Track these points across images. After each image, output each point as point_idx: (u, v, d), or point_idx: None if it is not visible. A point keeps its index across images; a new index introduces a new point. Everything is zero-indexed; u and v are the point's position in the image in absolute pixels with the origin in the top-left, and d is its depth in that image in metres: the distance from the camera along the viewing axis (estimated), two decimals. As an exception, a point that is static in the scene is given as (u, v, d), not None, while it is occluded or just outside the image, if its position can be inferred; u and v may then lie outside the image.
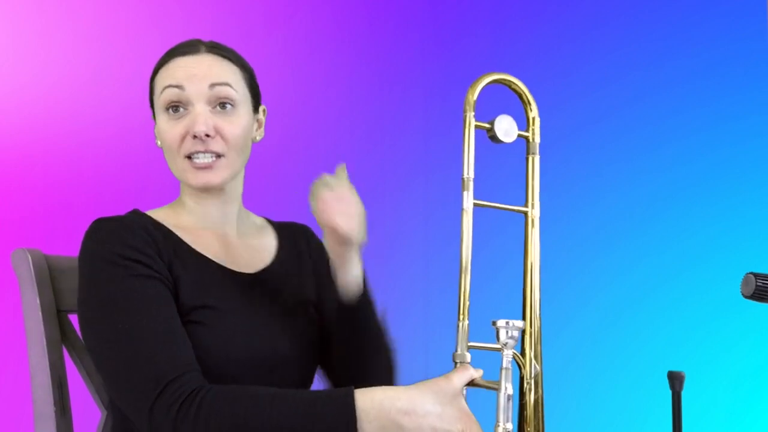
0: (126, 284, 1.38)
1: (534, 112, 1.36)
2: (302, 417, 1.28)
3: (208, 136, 1.49)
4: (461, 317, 1.30)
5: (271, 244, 1.63)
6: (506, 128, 1.28)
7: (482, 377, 1.29)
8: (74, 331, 1.54)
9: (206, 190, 1.52)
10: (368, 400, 1.28)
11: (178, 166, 1.52)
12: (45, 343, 1.48)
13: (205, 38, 1.57)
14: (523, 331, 1.32)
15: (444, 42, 3.04)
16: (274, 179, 2.71)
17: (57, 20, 2.55)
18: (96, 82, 2.57)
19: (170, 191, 1.59)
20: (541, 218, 1.41)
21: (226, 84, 1.52)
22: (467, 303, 1.30)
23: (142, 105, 1.59)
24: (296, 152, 2.81)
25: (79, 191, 2.53)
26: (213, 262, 1.51)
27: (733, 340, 3.06)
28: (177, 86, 1.50)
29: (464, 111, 1.29)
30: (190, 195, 1.55)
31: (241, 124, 1.53)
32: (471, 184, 1.26)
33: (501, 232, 1.78)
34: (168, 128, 1.52)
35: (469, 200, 1.26)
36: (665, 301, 3.05)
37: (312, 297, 1.62)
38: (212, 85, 1.50)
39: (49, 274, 1.53)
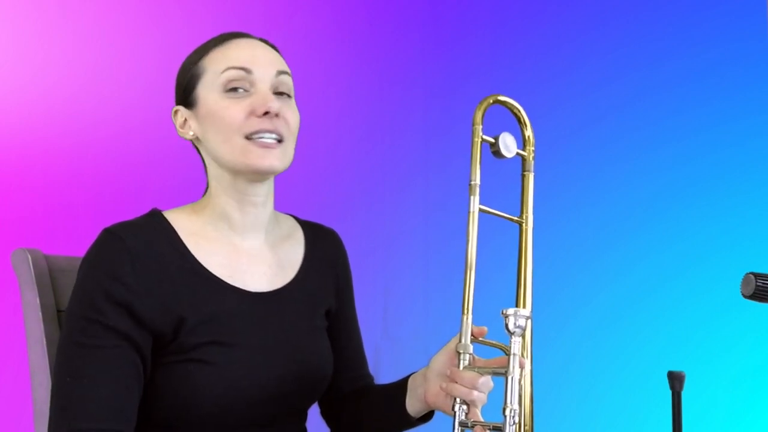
0: (91, 331, 1.32)
1: (529, 131, 1.45)
2: None
3: (277, 115, 1.41)
4: (466, 311, 1.31)
5: (298, 252, 1.55)
6: (508, 145, 1.39)
7: (483, 418, 1.29)
8: (74, 331, 1.54)
9: (259, 178, 1.43)
10: None
11: (237, 147, 1.41)
12: (45, 343, 1.47)
13: (203, 39, 1.52)
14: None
15: (444, 42, 3.03)
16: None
17: (57, 20, 2.55)
18: (96, 82, 2.56)
19: (171, 191, 1.56)
20: (542, 218, 1.44)
21: (289, 74, 1.46)
22: (471, 299, 1.32)
23: (142, 105, 1.58)
24: (296, 152, 2.81)
25: (79, 191, 2.53)
26: (226, 284, 1.42)
27: (733, 340, 3.06)
28: (243, 68, 1.42)
29: (473, 124, 1.38)
30: (230, 193, 1.45)
31: (297, 114, 1.47)
32: (477, 190, 1.34)
33: (495, 236, 1.80)
34: (227, 105, 1.41)
35: (475, 204, 1.34)
36: (665, 301, 3.05)
37: (331, 307, 1.57)
38: (279, 73, 1.44)
39: (49, 274, 1.52)
